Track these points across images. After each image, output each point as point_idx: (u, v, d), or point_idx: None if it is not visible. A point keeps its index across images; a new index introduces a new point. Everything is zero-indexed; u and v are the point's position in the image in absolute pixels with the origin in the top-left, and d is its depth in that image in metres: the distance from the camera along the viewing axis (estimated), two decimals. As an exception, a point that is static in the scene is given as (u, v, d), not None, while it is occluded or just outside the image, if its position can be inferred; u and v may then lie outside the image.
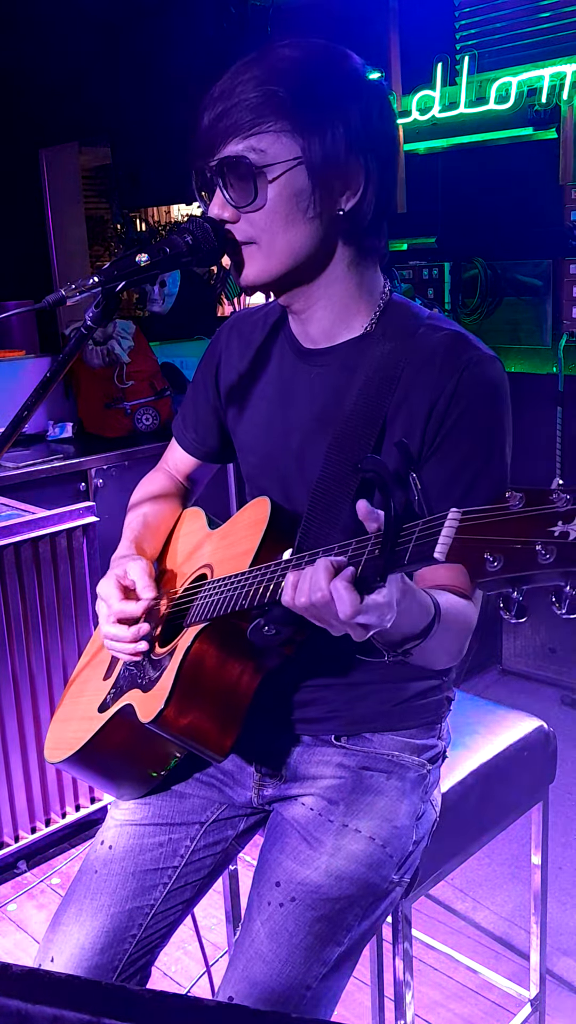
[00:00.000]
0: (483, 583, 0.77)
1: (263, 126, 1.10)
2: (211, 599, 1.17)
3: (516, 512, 0.76)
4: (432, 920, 2.26)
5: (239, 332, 1.40)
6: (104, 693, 1.36)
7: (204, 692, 1.16)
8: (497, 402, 1.17)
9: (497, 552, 0.76)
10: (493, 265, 3.51)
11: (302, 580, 0.96)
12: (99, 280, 1.12)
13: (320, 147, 1.11)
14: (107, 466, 3.44)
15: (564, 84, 3.10)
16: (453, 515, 0.81)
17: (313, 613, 0.95)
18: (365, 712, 1.29)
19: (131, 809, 1.37)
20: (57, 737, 1.42)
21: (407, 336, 1.20)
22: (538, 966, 1.76)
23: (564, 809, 2.59)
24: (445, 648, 1.14)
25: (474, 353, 1.17)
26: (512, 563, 0.75)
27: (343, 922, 1.19)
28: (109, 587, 1.28)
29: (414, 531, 0.85)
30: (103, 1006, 0.61)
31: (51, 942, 1.28)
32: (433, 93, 3.42)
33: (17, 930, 2.31)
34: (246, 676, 1.17)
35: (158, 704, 1.15)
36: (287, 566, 1.04)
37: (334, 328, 1.24)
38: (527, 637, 3.39)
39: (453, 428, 1.15)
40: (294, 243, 1.15)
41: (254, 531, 1.18)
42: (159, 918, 1.31)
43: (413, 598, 1.00)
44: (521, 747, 1.59)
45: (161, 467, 1.58)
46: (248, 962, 1.18)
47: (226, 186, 1.13)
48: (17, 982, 0.62)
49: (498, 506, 0.77)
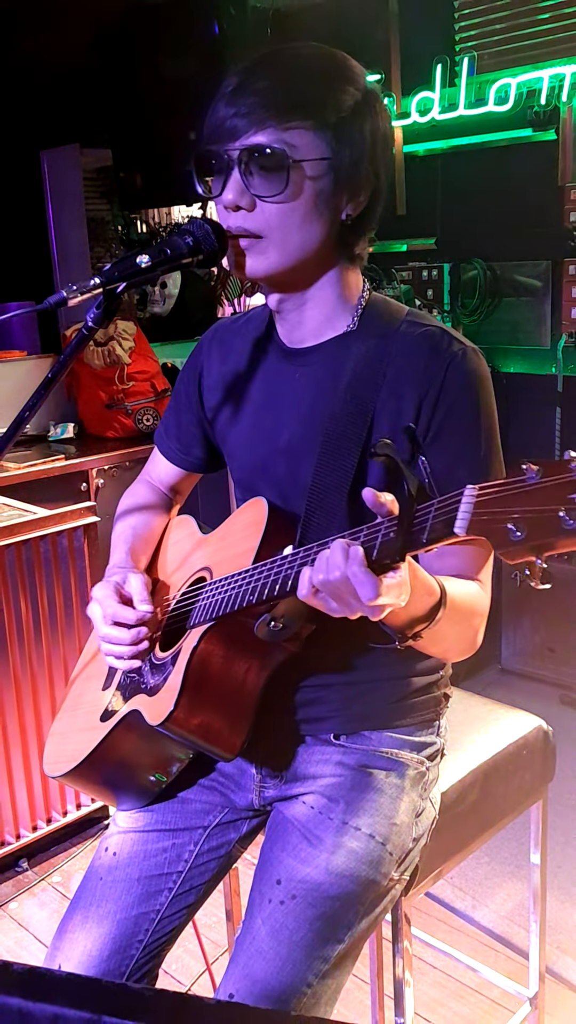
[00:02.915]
0: (507, 552, 0.80)
1: (298, 121, 1.12)
2: (215, 599, 1.17)
3: (535, 483, 0.78)
4: (432, 919, 2.26)
5: (221, 341, 1.41)
6: (104, 703, 1.36)
7: (212, 691, 1.16)
8: (484, 390, 1.20)
9: (521, 522, 0.78)
10: (492, 266, 3.51)
11: (318, 564, 0.97)
12: (100, 281, 1.12)
13: (348, 152, 1.14)
14: (108, 466, 3.45)
15: (563, 85, 3.11)
16: (470, 491, 0.84)
17: (333, 592, 0.95)
18: (364, 710, 1.30)
19: (134, 816, 1.37)
20: (57, 751, 1.41)
21: (389, 332, 1.22)
22: (537, 965, 1.77)
23: (563, 808, 2.60)
24: (458, 633, 1.15)
25: (458, 347, 1.19)
26: (536, 531, 0.78)
27: (343, 919, 1.20)
28: (107, 591, 1.28)
29: (430, 510, 0.88)
30: (103, 1004, 0.61)
31: (58, 950, 1.28)
32: (432, 95, 3.43)
33: (18, 928, 2.31)
34: (252, 674, 1.18)
35: (167, 706, 1.15)
36: (294, 559, 1.04)
37: (320, 328, 1.26)
38: (526, 636, 3.39)
39: (446, 419, 1.17)
40: (306, 241, 1.17)
41: (253, 530, 1.18)
42: (165, 923, 1.31)
43: (415, 576, 1.01)
44: (520, 746, 1.59)
45: (143, 479, 1.58)
46: (248, 959, 1.18)
47: (248, 174, 1.13)
48: (18, 980, 0.62)
49: (515, 479, 0.80)
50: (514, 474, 0.80)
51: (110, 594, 1.28)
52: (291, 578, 1.03)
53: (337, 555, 0.94)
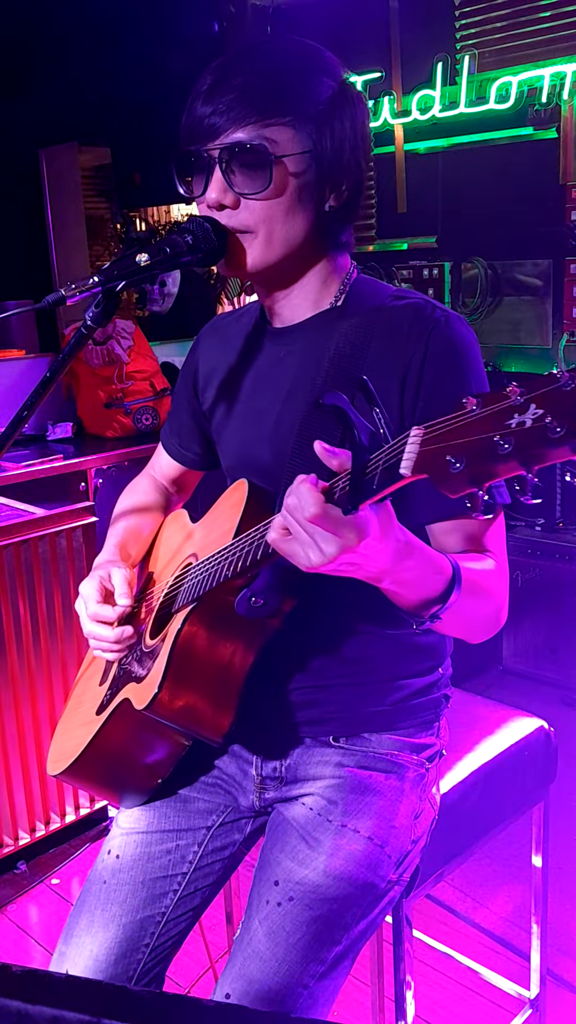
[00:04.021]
0: (448, 485, 0.79)
1: (277, 117, 1.12)
2: (196, 579, 1.17)
3: (475, 414, 0.77)
4: (432, 920, 2.26)
5: (216, 336, 1.42)
6: (101, 696, 1.36)
7: (197, 673, 1.16)
8: (470, 355, 1.18)
9: (458, 453, 0.78)
10: (493, 265, 3.51)
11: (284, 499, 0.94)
12: (99, 280, 1.12)
13: (330, 143, 1.15)
14: (107, 466, 3.44)
15: (564, 84, 3.10)
16: (415, 432, 0.82)
17: (294, 525, 0.91)
18: (363, 712, 1.29)
19: (136, 817, 1.36)
20: (58, 750, 1.41)
21: (374, 308, 1.22)
22: (539, 967, 1.76)
23: (565, 809, 2.59)
24: (479, 612, 1.13)
25: (440, 314, 1.18)
26: (473, 459, 0.77)
27: (341, 921, 1.19)
28: (91, 588, 1.30)
29: (380, 457, 0.87)
30: (103, 1006, 0.60)
31: (64, 955, 1.26)
32: (433, 93, 3.42)
33: (16, 930, 2.31)
34: (238, 655, 1.17)
35: (152, 689, 1.15)
36: (265, 528, 1.02)
37: (305, 308, 1.26)
38: (527, 637, 3.39)
39: (432, 386, 1.15)
40: (291, 234, 1.17)
41: (234, 511, 1.17)
42: (170, 925, 1.30)
43: (423, 556, 0.99)
44: (522, 747, 1.59)
45: (147, 472, 1.59)
46: (245, 960, 1.17)
47: (230, 172, 1.13)
48: (17, 982, 0.62)
49: (457, 413, 0.79)
50: (456, 409, 0.79)
51: (93, 591, 1.29)
52: (263, 545, 1.01)
53: (296, 483, 0.92)
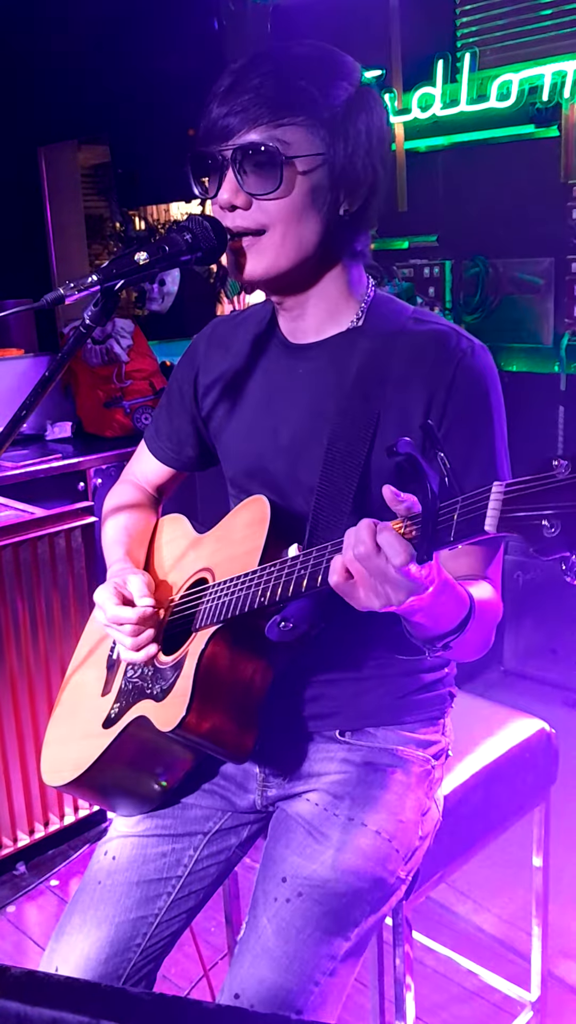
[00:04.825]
0: (542, 548, 0.81)
1: (290, 118, 1.12)
2: (222, 600, 1.16)
3: (566, 478, 0.79)
4: (433, 922, 2.25)
5: (218, 338, 1.41)
6: (106, 709, 1.34)
7: (222, 694, 1.16)
8: (492, 388, 1.21)
9: (555, 518, 0.79)
10: (494, 263, 3.50)
11: (347, 542, 0.95)
12: (98, 279, 1.12)
13: (344, 146, 1.14)
14: (106, 466, 3.43)
15: (565, 82, 3.09)
16: (497, 488, 0.84)
17: (365, 563, 0.93)
18: (368, 707, 1.29)
19: (134, 820, 1.36)
20: (58, 759, 1.39)
21: (395, 331, 1.22)
22: (540, 969, 1.76)
23: (566, 811, 2.58)
24: (479, 638, 1.16)
25: (466, 345, 1.20)
26: (572, 526, 0.79)
27: (350, 917, 1.19)
28: (107, 594, 1.28)
29: (455, 508, 0.88)
30: (102, 1008, 0.61)
31: (55, 952, 1.27)
32: (434, 91, 3.41)
33: (15, 932, 2.30)
34: (259, 675, 1.18)
35: (179, 711, 1.14)
36: (307, 560, 1.04)
37: (323, 324, 1.26)
38: (529, 637, 3.38)
39: (457, 418, 1.18)
40: (303, 238, 1.16)
41: (257, 530, 1.17)
42: (163, 927, 1.30)
43: (452, 592, 1.02)
44: (523, 748, 1.58)
45: (127, 479, 1.57)
46: (255, 959, 1.16)
47: (243, 172, 1.13)
48: (16, 984, 0.63)
49: (545, 475, 0.80)
50: (542, 470, 0.80)
51: (110, 595, 1.27)
52: (306, 578, 1.03)
53: (364, 529, 0.93)
